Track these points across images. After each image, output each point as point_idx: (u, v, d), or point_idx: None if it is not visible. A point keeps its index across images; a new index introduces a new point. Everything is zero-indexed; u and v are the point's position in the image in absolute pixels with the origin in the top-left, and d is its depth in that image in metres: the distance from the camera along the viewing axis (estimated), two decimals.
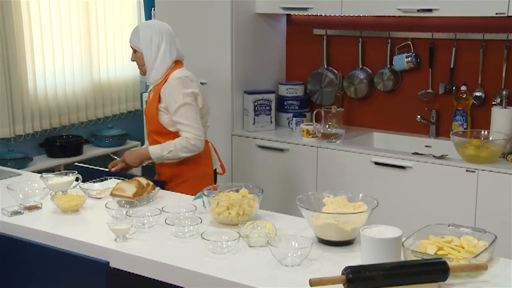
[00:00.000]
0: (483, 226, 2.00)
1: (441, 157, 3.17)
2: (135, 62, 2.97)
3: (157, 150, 2.83)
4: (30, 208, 2.27)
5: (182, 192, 2.59)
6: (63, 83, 4.15)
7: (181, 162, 2.88)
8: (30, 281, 2.03)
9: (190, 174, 2.91)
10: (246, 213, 2.09)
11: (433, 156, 3.19)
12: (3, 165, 3.35)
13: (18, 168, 3.27)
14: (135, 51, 2.95)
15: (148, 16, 4.57)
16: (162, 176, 2.95)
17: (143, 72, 2.97)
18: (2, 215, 2.22)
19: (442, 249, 1.78)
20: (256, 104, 3.75)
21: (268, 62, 3.97)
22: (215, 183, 2.93)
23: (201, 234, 1.88)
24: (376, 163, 3.29)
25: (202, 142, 2.83)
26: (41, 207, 2.29)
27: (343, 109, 3.65)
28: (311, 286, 1.55)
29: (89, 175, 2.59)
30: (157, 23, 2.99)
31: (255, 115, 3.76)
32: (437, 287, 1.62)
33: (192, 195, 2.41)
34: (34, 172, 3.16)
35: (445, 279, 1.62)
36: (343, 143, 3.48)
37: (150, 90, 2.96)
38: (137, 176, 2.50)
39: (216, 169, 3.08)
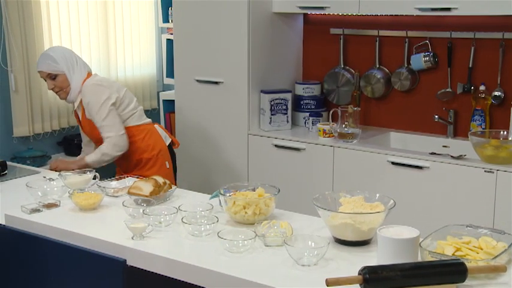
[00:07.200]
0: (502, 227, 1.99)
1: (459, 157, 3.14)
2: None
3: (92, 157, 3.01)
4: (49, 206, 2.29)
5: (152, 174, 2.72)
6: None
7: (133, 152, 3.10)
8: (48, 278, 2.05)
9: (146, 155, 3.12)
10: (262, 212, 2.09)
11: (451, 156, 3.17)
12: (22, 163, 3.39)
13: (37, 166, 3.30)
14: (54, 77, 3.01)
15: (165, 15, 4.58)
16: (123, 167, 3.17)
17: (65, 94, 3.05)
18: (21, 212, 2.25)
19: (460, 250, 1.76)
20: (272, 103, 3.74)
21: (285, 62, 3.96)
22: (173, 155, 3.30)
23: (218, 233, 1.88)
24: (393, 163, 3.27)
25: (124, 139, 3.01)
26: (59, 205, 2.31)
27: (359, 109, 3.63)
28: (328, 286, 1.55)
29: None
30: (59, 46, 3.36)
31: (272, 114, 3.76)
32: None
33: (159, 175, 2.53)
34: (52, 170, 3.18)
35: (463, 280, 1.61)
36: (360, 143, 3.46)
37: (76, 111, 3.12)
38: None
39: (170, 144, 3.30)
